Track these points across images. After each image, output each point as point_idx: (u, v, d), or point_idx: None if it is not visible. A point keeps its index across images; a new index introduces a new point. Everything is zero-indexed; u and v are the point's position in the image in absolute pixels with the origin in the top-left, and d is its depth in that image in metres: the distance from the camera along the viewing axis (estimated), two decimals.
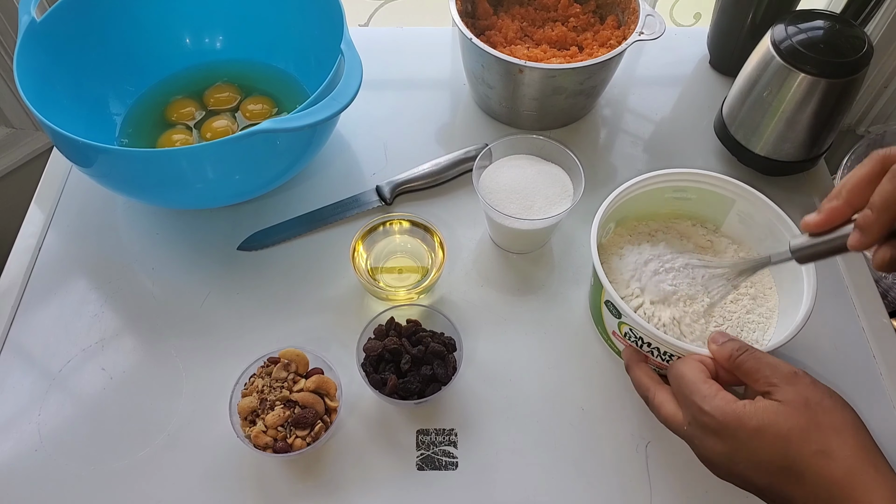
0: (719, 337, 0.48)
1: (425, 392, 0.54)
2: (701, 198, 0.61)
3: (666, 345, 0.50)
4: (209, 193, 0.64)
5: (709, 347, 0.48)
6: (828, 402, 0.41)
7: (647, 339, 0.52)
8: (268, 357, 0.55)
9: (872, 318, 0.64)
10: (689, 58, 0.86)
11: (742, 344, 0.46)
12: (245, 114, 0.75)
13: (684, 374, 0.46)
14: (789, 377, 0.42)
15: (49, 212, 0.70)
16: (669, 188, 0.60)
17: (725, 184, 0.59)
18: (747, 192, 0.58)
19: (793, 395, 0.41)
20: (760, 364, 0.44)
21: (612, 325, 0.56)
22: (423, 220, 0.64)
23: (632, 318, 0.51)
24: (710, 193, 0.60)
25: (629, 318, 0.51)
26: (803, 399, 0.41)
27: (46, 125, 0.56)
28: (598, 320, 0.59)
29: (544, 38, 0.77)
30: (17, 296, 0.64)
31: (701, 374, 0.45)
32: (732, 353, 0.45)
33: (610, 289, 0.52)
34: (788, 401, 0.41)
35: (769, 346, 0.50)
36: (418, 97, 0.81)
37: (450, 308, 0.64)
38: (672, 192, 0.61)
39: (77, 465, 0.55)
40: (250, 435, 0.52)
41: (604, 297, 0.54)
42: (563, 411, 0.58)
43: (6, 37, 0.99)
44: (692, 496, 0.54)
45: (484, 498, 0.54)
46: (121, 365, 0.60)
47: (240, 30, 0.78)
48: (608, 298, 0.53)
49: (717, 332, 0.48)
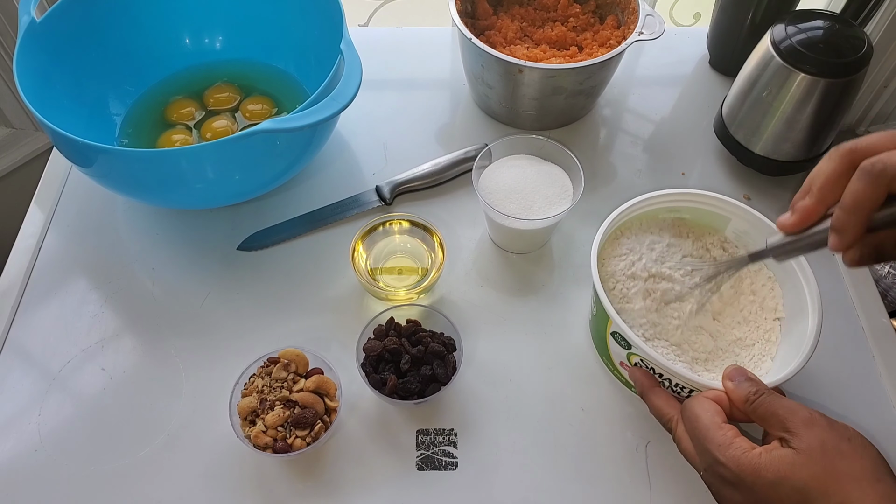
0: (735, 374, 0.46)
1: (425, 392, 0.54)
2: (696, 217, 0.60)
3: (678, 377, 0.49)
4: (209, 193, 0.64)
5: (724, 385, 0.46)
6: (846, 447, 0.40)
7: (658, 370, 0.51)
8: (268, 357, 0.55)
9: (872, 318, 0.64)
10: (688, 58, 0.86)
11: (758, 385, 0.45)
12: (245, 114, 0.75)
13: (699, 417, 0.44)
14: (806, 422, 0.41)
15: (49, 212, 0.70)
16: (664, 209, 0.60)
17: (719, 202, 0.58)
18: (741, 210, 0.57)
19: (809, 441, 0.40)
20: (776, 408, 0.42)
21: (621, 355, 0.54)
22: (423, 220, 0.64)
23: (643, 350, 0.49)
24: (705, 213, 0.59)
25: (640, 349, 0.49)
26: (820, 444, 0.40)
27: (46, 125, 0.56)
28: (603, 350, 0.58)
29: (544, 38, 0.77)
30: (17, 296, 0.64)
31: (716, 419, 0.44)
32: (749, 395, 0.44)
33: (618, 320, 0.50)
34: (804, 449, 0.40)
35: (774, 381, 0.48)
36: (418, 97, 0.81)
37: (450, 308, 0.64)
38: (667, 213, 0.60)
39: (77, 465, 0.55)
40: (250, 435, 0.52)
41: (610, 328, 0.53)
42: (563, 411, 0.58)
43: (6, 37, 0.99)
44: (692, 496, 0.53)
45: (484, 498, 0.54)
46: (121, 365, 0.60)
47: (240, 30, 0.78)
48: (616, 329, 0.51)
49: (733, 369, 0.47)
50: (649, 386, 0.51)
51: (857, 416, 0.58)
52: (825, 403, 0.58)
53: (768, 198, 0.72)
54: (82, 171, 0.62)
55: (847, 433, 0.41)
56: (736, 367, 0.47)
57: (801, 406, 0.42)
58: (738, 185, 0.73)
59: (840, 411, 0.58)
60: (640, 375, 0.52)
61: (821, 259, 0.68)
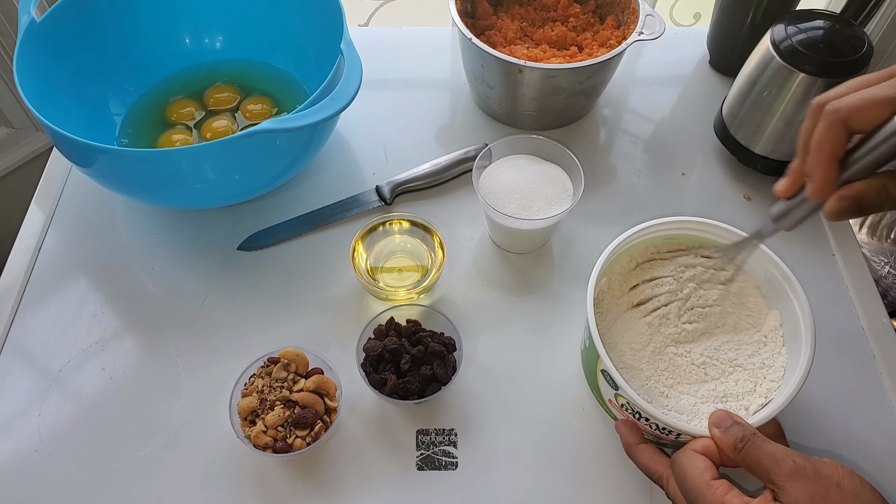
0: (722, 420, 0.45)
1: (425, 392, 0.54)
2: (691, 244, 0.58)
3: (664, 423, 0.48)
4: (209, 193, 0.64)
5: (710, 432, 0.46)
6: (835, 496, 0.39)
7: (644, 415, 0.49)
8: (268, 357, 0.56)
9: (872, 318, 0.64)
10: (688, 58, 0.86)
11: (745, 431, 0.44)
12: (245, 114, 0.75)
13: (687, 473, 0.44)
14: (790, 474, 0.40)
15: (49, 212, 0.70)
16: (661, 237, 0.58)
17: (718, 230, 0.56)
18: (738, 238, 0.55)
19: (797, 496, 0.39)
20: (761, 458, 0.42)
21: (609, 394, 0.53)
22: (423, 220, 0.64)
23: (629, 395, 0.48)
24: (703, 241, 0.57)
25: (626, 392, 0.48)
26: (808, 497, 0.39)
27: (46, 125, 0.56)
28: (593, 384, 0.56)
29: (544, 37, 0.77)
30: (17, 296, 0.64)
31: (705, 476, 0.43)
32: (735, 443, 0.43)
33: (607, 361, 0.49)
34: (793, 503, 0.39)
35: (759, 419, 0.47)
36: (418, 97, 0.81)
37: (450, 308, 0.64)
38: (664, 241, 0.58)
39: (77, 465, 0.55)
40: (250, 435, 0.52)
41: (600, 365, 0.51)
42: (563, 411, 0.58)
43: (6, 37, 0.99)
44: None
45: (484, 498, 0.54)
46: (121, 365, 0.60)
47: (240, 30, 0.78)
48: (604, 368, 0.50)
49: (717, 415, 0.46)
50: (634, 444, 0.50)
51: (857, 417, 0.58)
52: (825, 404, 0.58)
53: (768, 198, 0.72)
54: (82, 171, 0.62)
55: (836, 477, 0.40)
56: (721, 413, 0.46)
57: (785, 453, 0.41)
58: (738, 185, 0.73)
59: (840, 412, 0.58)
60: (625, 432, 0.51)
61: (821, 259, 0.68)
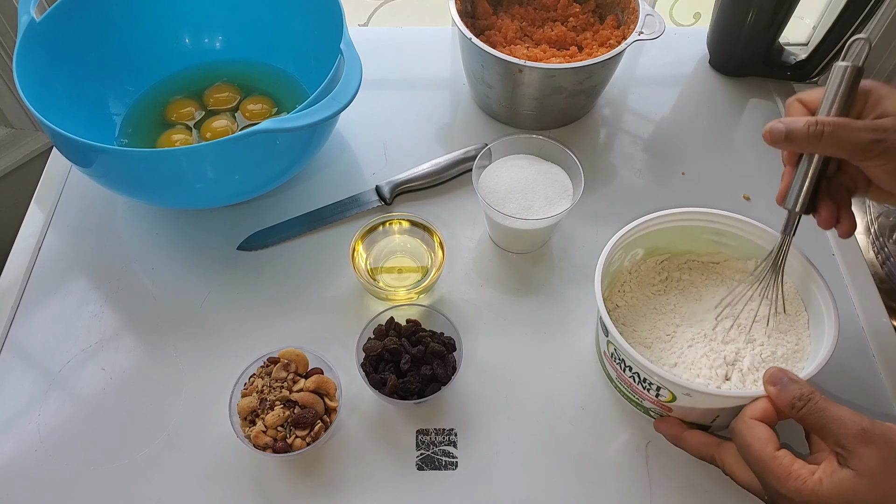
0: (777, 378, 0.45)
1: (425, 392, 0.54)
2: (738, 245, 0.58)
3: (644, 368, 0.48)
4: (209, 193, 0.64)
5: (766, 390, 0.45)
6: None
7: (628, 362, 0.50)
8: (267, 357, 0.55)
9: (872, 318, 0.64)
10: (688, 58, 0.86)
11: (803, 390, 0.43)
12: (245, 114, 0.75)
13: (751, 446, 0.43)
14: (860, 438, 0.39)
15: (49, 212, 0.70)
16: (709, 229, 0.58)
17: (764, 234, 0.56)
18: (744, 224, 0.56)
19: (868, 462, 0.39)
20: (825, 420, 0.41)
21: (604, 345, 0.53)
22: (423, 220, 0.64)
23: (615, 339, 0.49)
24: (748, 242, 0.57)
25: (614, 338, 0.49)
26: (880, 463, 0.38)
27: (46, 125, 0.56)
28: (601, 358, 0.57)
29: (544, 37, 0.77)
30: (17, 296, 0.64)
31: (768, 449, 0.42)
32: (794, 402, 0.43)
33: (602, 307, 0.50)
34: (864, 471, 0.39)
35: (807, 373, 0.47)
36: (418, 97, 0.81)
37: (449, 308, 0.64)
38: (710, 234, 0.58)
39: (77, 465, 0.55)
40: (250, 435, 0.52)
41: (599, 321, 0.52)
42: (563, 411, 0.58)
43: (6, 37, 0.99)
44: (692, 496, 0.53)
45: (484, 498, 0.54)
46: (121, 365, 0.60)
47: (239, 30, 0.78)
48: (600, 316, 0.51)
49: (773, 373, 0.45)
50: (680, 434, 0.51)
51: None
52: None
53: (768, 198, 0.71)
54: (82, 171, 0.62)
55: None
56: (775, 371, 0.45)
57: (851, 416, 0.40)
58: (737, 185, 0.73)
59: None
60: (665, 428, 0.52)
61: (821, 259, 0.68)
